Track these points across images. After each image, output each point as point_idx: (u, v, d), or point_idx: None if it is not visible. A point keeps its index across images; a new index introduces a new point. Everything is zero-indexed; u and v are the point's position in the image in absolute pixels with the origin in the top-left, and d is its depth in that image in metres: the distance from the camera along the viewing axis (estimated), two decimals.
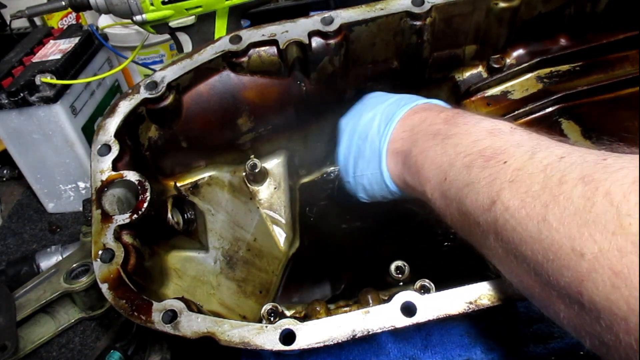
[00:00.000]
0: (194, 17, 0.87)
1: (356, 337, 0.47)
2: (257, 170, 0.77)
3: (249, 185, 0.80)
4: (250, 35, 0.66)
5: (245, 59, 0.66)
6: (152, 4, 0.83)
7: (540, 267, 0.36)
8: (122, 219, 0.54)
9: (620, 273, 0.30)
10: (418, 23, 0.67)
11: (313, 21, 0.66)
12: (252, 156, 0.78)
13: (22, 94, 0.90)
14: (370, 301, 0.55)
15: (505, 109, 0.77)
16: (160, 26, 0.88)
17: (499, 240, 0.40)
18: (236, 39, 0.65)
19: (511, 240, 0.39)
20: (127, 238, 0.55)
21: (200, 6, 0.86)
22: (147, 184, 0.56)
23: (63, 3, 0.85)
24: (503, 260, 0.42)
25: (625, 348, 0.31)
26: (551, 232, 0.35)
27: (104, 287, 0.50)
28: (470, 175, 0.45)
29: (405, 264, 0.68)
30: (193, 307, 0.51)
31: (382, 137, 0.61)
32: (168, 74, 0.63)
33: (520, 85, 0.78)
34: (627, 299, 0.30)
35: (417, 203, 0.62)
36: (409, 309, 0.47)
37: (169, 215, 0.62)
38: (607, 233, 0.31)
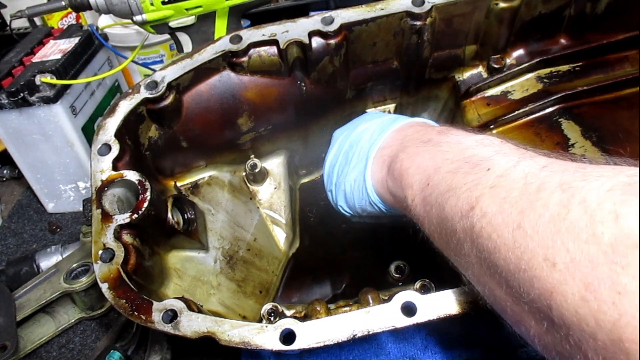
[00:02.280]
0: (194, 17, 0.87)
1: (356, 337, 0.47)
2: (257, 170, 0.77)
3: (249, 185, 0.80)
4: (250, 35, 0.66)
5: (245, 58, 0.66)
6: (152, 4, 0.83)
7: (512, 277, 0.34)
8: (122, 218, 0.54)
9: (590, 285, 0.28)
10: (418, 23, 0.67)
11: (313, 21, 0.66)
12: (252, 156, 0.78)
13: (22, 94, 0.90)
14: (371, 301, 0.55)
15: (505, 109, 0.77)
16: (160, 26, 0.88)
17: (474, 248, 0.39)
18: (236, 39, 0.66)
19: (485, 248, 0.37)
20: (127, 238, 0.55)
21: (200, 6, 0.86)
22: (147, 183, 0.56)
23: (63, 3, 0.85)
24: (476, 271, 0.40)
25: None
26: (525, 239, 0.33)
27: (104, 287, 0.50)
28: (453, 181, 0.43)
29: (405, 264, 0.68)
30: (193, 306, 0.51)
31: (372, 143, 0.60)
32: (168, 74, 0.63)
33: (520, 86, 0.78)
34: (596, 314, 0.28)
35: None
36: (409, 309, 0.47)
37: (169, 215, 0.62)
38: (579, 242, 0.30)
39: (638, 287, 0.26)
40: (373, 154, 0.59)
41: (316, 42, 0.66)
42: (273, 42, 0.65)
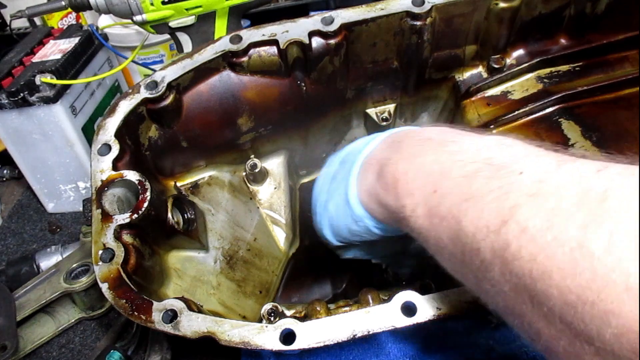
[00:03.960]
0: (194, 17, 0.87)
1: (356, 337, 0.47)
2: (257, 170, 0.77)
3: (249, 185, 0.80)
4: (250, 35, 0.66)
5: (245, 58, 0.66)
6: (152, 4, 0.83)
7: (571, 311, 0.27)
8: (122, 218, 0.54)
9: None
10: (418, 23, 0.67)
11: (313, 21, 0.66)
12: (252, 156, 0.78)
13: (22, 94, 0.90)
14: (371, 301, 0.55)
15: (505, 109, 0.77)
16: (160, 26, 0.88)
17: (508, 273, 0.31)
18: (236, 39, 0.66)
19: (527, 273, 0.29)
20: (127, 238, 0.55)
21: (200, 6, 0.86)
22: (147, 183, 0.56)
23: (63, 3, 0.85)
24: (510, 301, 0.32)
25: None
26: (592, 262, 0.26)
27: (104, 287, 0.50)
28: (471, 188, 0.35)
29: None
30: (193, 306, 0.51)
31: (359, 152, 0.51)
32: (168, 74, 0.63)
33: (520, 86, 0.78)
34: None
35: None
36: (409, 309, 0.47)
37: (169, 215, 0.62)
38: None
39: None
40: (359, 162, 0.50)
41: (316, 42, 0.66)
42: (273, 42, 0.65)
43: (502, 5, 0.69)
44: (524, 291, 0.30)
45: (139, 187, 0.56)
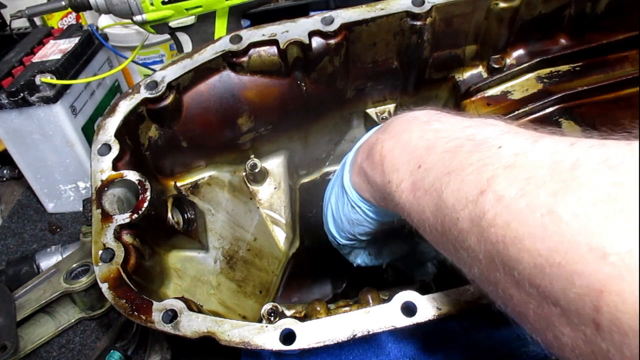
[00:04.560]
0: (194, 17, 0.87)
1: (356, 337, 0.47)
2: (257, 170, 0.77)
3: (249, 185, 0.80)
4: (250, 35, 0.66)
5: (245, 58, 0.66)
6: (152, 4, 0.83)
7: (539, 274, 0.28)
8: (122, 218, 0.54)
9: None
10: (418, 23, 0.67)
11: (313, 21, 0.66)
12: (252, 156, 0.78)
13: (22, 94, 0.89)
14: (371, 301, 0.55)
15: (505, 109, 0.77)
16: (160, 26, 0.88)
17: (483, 240, 0.32)
18: (236, 39, 0.66)
19: (501, 239, 0.30)
20: (127, 238, 0.55)
21: (200, 6, 0.86)
22: (147, 183, 0.56)
23: (63, 3, 0.85)
24: (485, 268, 0.33)
25: None
26: (560, 226, 0.27)
27: (104, 287, 0.50)
28: (453, 162, 0.37)
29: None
30: (193, 306, 0.51)
31: (358, 142, 0.54)
32: (168, 74, 0.63)
33: (520, 86, 0.78)
34: None
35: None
36: (409, 309, 0.47)
37: (169, 215, 0.62)
38: None
39: None
40: (354, 150, 0.53)
41: (316, 42, 0.66)
42: (273, 42, 0.65)
43: (502, 5, 0.69)
44: (498, 257, 0.31)
45: (139, 187, 0.56)
